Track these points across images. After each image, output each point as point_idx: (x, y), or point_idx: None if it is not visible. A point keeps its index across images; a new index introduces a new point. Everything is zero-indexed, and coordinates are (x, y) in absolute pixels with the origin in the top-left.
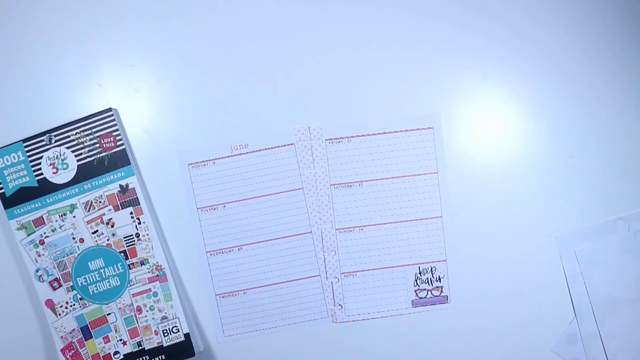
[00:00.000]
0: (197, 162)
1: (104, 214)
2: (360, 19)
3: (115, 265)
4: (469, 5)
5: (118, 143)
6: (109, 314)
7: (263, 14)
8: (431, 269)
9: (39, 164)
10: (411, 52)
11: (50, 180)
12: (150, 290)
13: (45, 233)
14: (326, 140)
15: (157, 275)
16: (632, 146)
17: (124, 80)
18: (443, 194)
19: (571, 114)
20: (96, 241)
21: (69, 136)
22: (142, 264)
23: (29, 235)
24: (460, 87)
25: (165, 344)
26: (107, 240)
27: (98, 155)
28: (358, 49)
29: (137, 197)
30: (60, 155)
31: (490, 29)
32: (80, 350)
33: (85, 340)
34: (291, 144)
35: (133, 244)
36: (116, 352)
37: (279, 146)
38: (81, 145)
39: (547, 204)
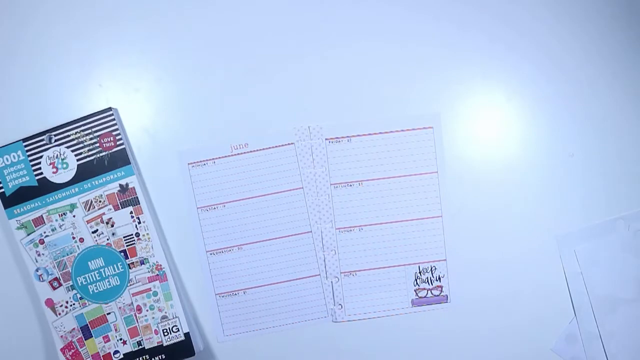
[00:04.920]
0: (197, 162)
1: (103, 214)
2: (360, 19)
3: (115, 265)
4: (470, 5)
5: (118, 142)
6: (109, 313)
7: (263, 13)
8: (431, 268)
9: (39, 163)
10: (411, 52)
11: (50, 179)
12: (150, 289)
13: (45, 232)
14: (326, 139)
15: (157, 275)
16: (632, 146)
17: (124, 80)
18: (443, 194)
19: (571, 114)
20: (96, 241)
21: (69, 136)
22: (142, 263)
23: (28, 234)
24: (460, 87)
25: (165, 344)
26: (107, 239)
27: (98, 155)
28: (358, 49)
29: (137, 197)
30: (60, 154)
31: (490, 28)
32: (80, 350)
33: (85, 339)
34: (291, 143)
35: (133, 244)
36: (116, 352)
37: (278, 146)
38: (81, 145)
39: (547, 204)
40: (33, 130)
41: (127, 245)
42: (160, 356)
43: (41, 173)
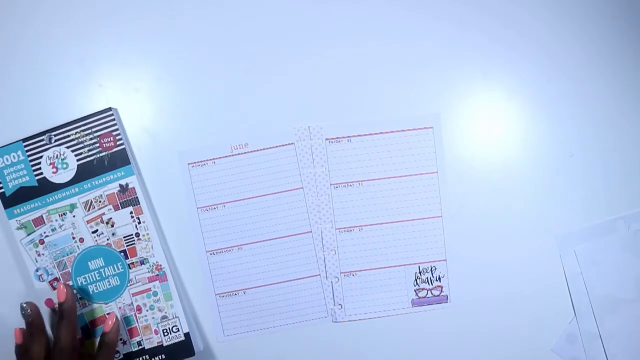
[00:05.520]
0: (197, 162)
1: (103, 214)
2: (360, 18)
3: (115, 265)
4: (470, 5)
5: (118, 142)
6: (109, 313)
7: (263, 13)
8: (431, 268)
9: (39, 163)
10: (411, 52)
11: (50, 179)
12: (150, 289)
13: (45, 232)
14: (326, 139)
15: (157, 275)
16: (632, 146)
17: (124, 80)
18: (443, 194)
19: (571, 114)
20: (96, 241)
21: (68, 136)
22: (142, 263)
23: (28, 234)
24: (461, 87)
25: (165, 344)
26: (107, 239)
27: (98, 155)
28: (358, 49)
29: (137, 197)
30: (60, 154)
31: (490, 28)
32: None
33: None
34: (291, 143)
35: (133, 244)
36: (116, 352)
37: (278, 146)
38: (81, 145)
39: (547, 204)
40: (33, 130)
41: (127, 245)
42: (160, 356)
43: (41, 173)
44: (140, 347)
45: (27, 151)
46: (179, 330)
